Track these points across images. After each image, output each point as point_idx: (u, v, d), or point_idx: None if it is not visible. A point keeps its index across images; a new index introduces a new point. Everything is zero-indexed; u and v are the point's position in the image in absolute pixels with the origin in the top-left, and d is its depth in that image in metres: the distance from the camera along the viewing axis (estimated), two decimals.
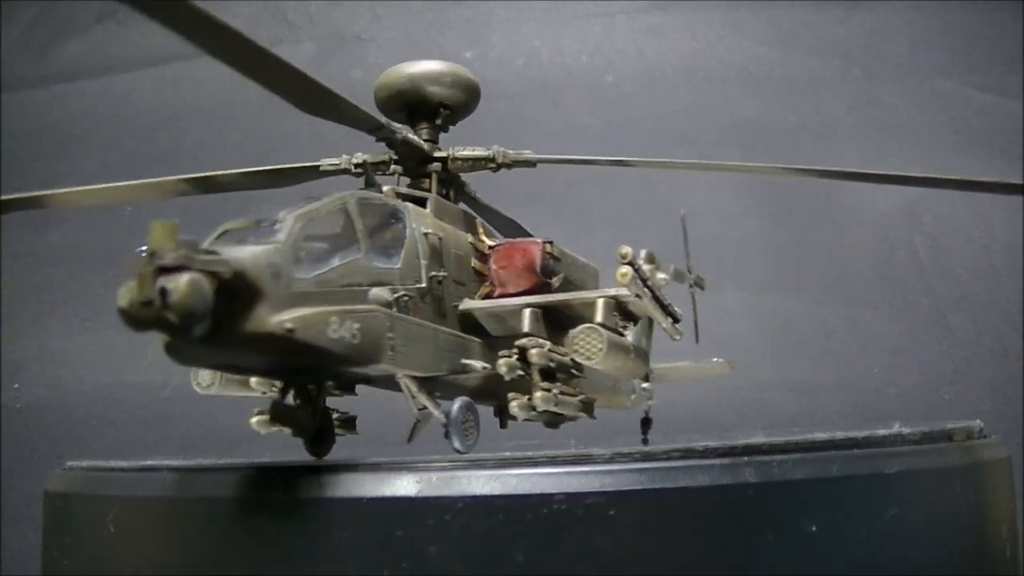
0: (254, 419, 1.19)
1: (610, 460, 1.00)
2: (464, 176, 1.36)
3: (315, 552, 0.98)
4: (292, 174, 1.32)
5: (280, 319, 0.92)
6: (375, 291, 1.04)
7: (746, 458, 1.02)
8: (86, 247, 2.56)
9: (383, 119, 1.21)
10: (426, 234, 1.17)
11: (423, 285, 1.13)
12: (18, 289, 2.52)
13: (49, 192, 1.30)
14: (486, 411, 1.44)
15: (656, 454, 1.03)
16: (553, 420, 1.26)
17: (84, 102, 2.71)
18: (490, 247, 1.32)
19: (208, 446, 2.28)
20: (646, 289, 1.18)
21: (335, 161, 1.32)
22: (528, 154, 1.32)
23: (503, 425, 1.36)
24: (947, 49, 2.58)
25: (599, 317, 1.16)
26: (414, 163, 1.29)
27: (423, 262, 1.15)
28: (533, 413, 1.16)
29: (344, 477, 1.00)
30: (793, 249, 1.87)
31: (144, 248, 0.89)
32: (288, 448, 1.70)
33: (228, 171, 1.30)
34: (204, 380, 1.22)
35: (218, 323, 0.89)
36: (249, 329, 0.91)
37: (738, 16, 2.60)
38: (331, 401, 1.22)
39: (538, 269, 1.27)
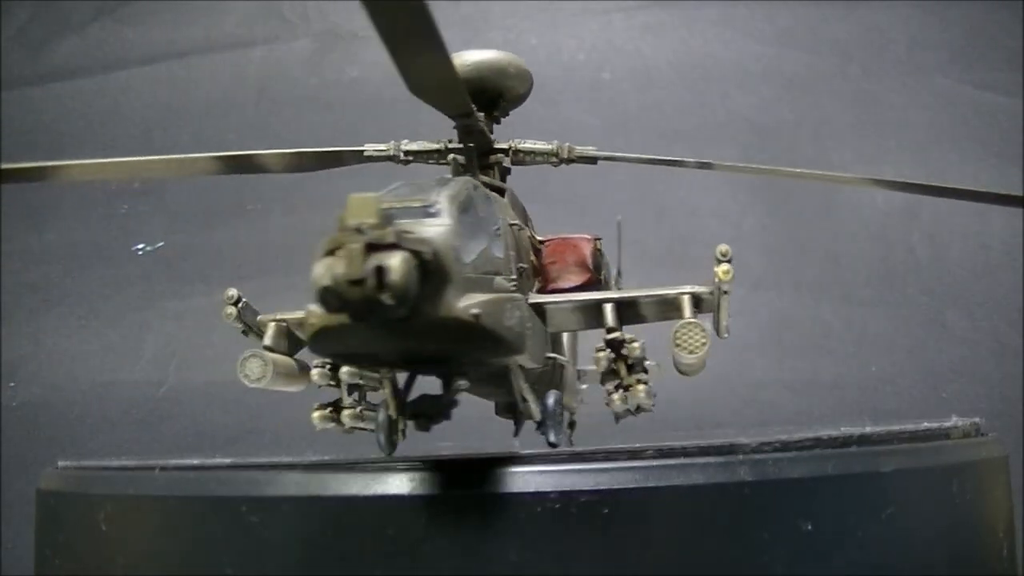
0: (316, 414, 1.19)
1: (604, 458, 1.00)
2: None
3: (307, 550, 0.97)
4: (332, 158, 1.29)
5: (465, 304, 0.87)
6: (498, 280, 1.01)
7: (741, 456, 1.01)
8: (82, 245, 2.56)
9: (473, 106, 1.16)
10: (511, 225, 1.15)
11: (515, 277, 1.10)
12: (14, 287, 2.52)
13: (68, 164, 1.18)
14: (482, 411, 1.44)
15: (651, 453, 1.02)
16: (634, 413, 1.27)
17: (80, 100, 2.71)
18: (540, 242, 1.30)
19: (203, 445, 2.28)
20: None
21: (382, 147, 1.31)
22: (591, 150, 1.29)
23: (518, 425, 1.35)
24: (945, 47, 2.57)
25: (687, 313, 1.15)
26: (478, 153, 1.25)
27: (511, 253, 1.12)
28: (626, 406, 1.15)
29: (337, 475, 1.00)
30: (791, 247, 1.87)
31: (355, 222, 0.81)
32: (282, 447, 1.70)
33: (263, 151, 1.25)
34: (254, 373, 1.16)
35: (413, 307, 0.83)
36: (439, 314, 0.85)
37: (735, 13, 2.59)
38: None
39: (590, 265, 1.26)
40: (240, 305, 1.29)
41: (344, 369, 1.17)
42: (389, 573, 0.95)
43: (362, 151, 1.30)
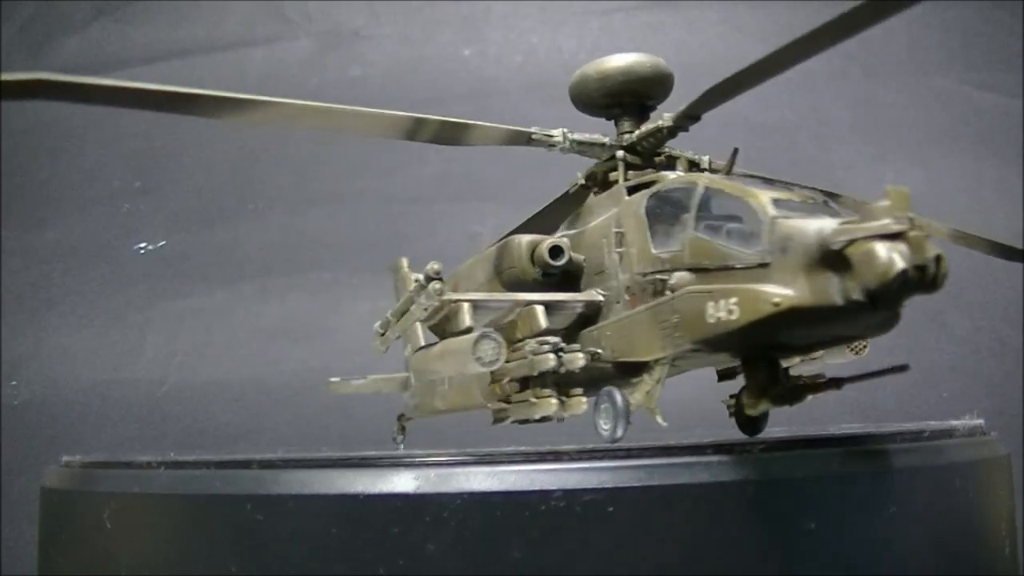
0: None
1: (608, 456, 1.00)
2: None
3: (311, 550, 0.97)
4: (497, 134, 1.26)
5: None
6: None
7: (745, 455, 1.02)
8: (83, 244, 2.56)
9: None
10: None
11: None
12: (15, 285, 2.52)
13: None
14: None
15: (655, 451, 1.02)
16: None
17: None
18: None
19: (204, 443, 2.29)
20: None
21: (552, 132, 1.29)
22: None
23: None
24: (946, 47, 2.57)
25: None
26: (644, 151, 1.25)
27: None
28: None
29: (341, 473, 1.00)
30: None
31: (900, 214, 0.84)
32: (284, 443, 1.70)
33: (431, 117, 1.18)
34: (487, 355, 1.04)
35: None
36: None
37: (736, 13, 2.59)
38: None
39: None
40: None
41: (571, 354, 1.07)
42: (393, 571, 0.96)
43: (529, 134, 1.28)
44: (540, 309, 1.09)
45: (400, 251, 1.80)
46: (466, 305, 1.10)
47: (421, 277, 1.08)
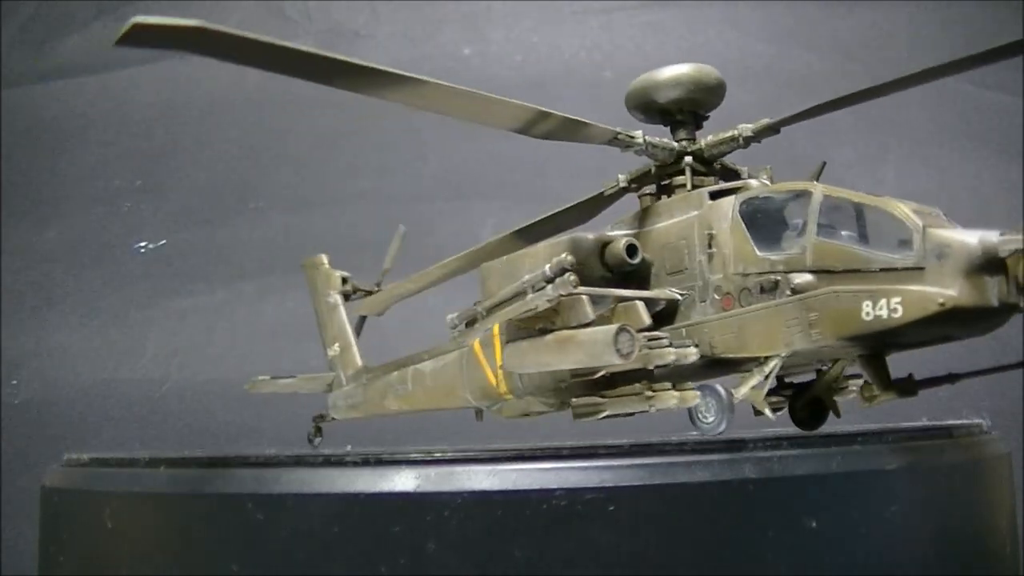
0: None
1: (609, 455, 1.00)
2: None
3: (312, 549, 0.97)
4: (583, 130, 1.27)
5: None
6: None
7: (746, 454, 1.02)
8: (84, 243, 2.56)
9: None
10: None
11: None
12: (16, 285, 2.52)
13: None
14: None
15: (656, 449, 1.02)
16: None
17: (82, 98, 2.70)
18: None
19: (205, 442, 2.29)
20: None
21: (633, 134, 1.28)
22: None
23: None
24: (947, 45, 2.57)
25: None
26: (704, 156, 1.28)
27: None
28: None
29: (343, 472, 1.00)
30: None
31: None
32: (285, 445, 1.70)
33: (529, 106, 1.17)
34: (625, 347, 1.05)
35: None
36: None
37: (737, 12, 2.59)
38: None
39: None
40: None
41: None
42: (394, 571, 0.95)
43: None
44: (641, 305, 1.11)
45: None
46: (585, 298, 1.09)
47: (548, 269, 1.07)
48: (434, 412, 1.46)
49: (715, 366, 1.15)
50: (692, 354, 1.09)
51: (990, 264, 0.96)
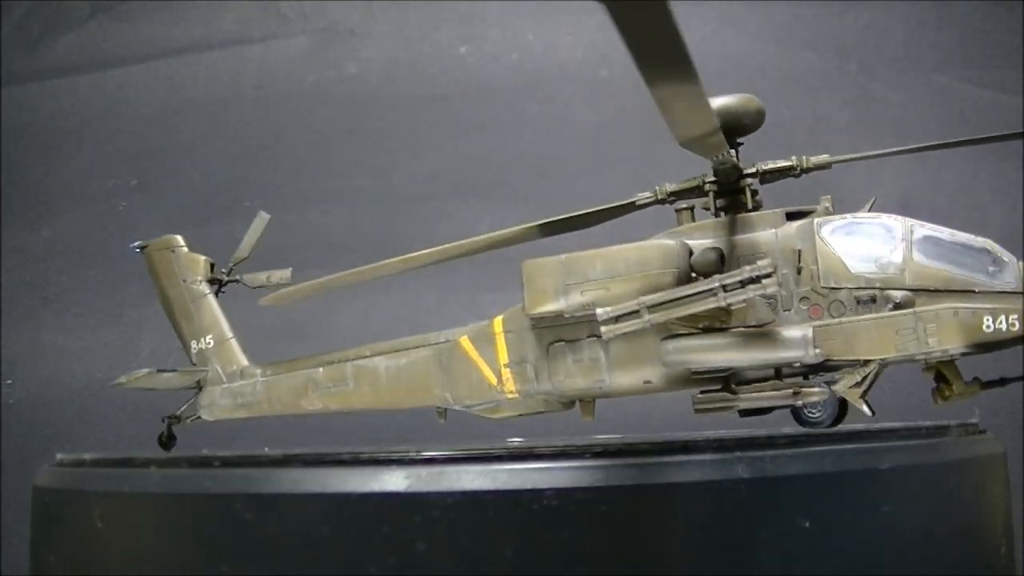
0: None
1: (601, 455, 0.99)
2: None
3: (302, 549, 0.97)
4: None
5: None
6: None
7: (738, 453, 1.01)
8: (79, 242, 2.56)
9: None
10: None
11: None
12: (11, 284, 2.51)
13: None
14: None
15: (647, 449, 1.02)
16: None
17: (77, 97, 2.70)
18: None
19: (199, 442, 2.28)
20: None
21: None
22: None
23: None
24: (944, 44, 2.57)
25: None
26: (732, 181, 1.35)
27: None
28: None
29: (333, 472, 1.00)
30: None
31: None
32: (279, 444, 1.69)
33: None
34: None
35: None
36: None
37: (733, 10, 2.59)
38: None
39: None
40: None
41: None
42: (385, 571, 0.95)
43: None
44: (762, 302, 1.22)
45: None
46: (760, 299, 1.19)
47: (751, 271, 1.15)
48: (412, 411, 1.43)
49: (818, 367, 1.25)
50: (819, 355, 1.19)
51: None
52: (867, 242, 1.27)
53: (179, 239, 1.69)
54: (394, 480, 0.97)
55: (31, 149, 2.63)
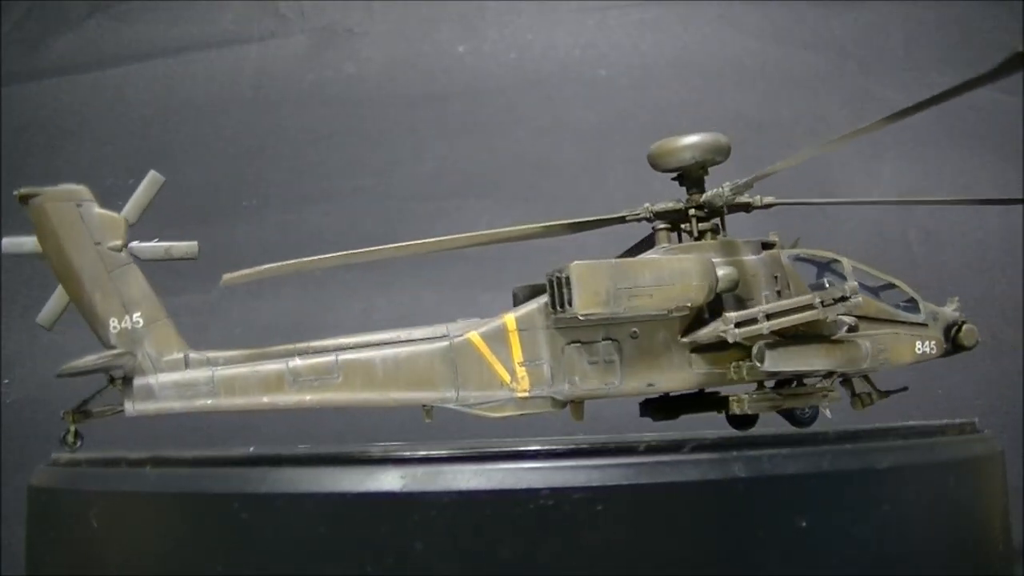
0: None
1: (597, 454, 0.99)
2: None
3: (298, 548, 0.97)
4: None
5: None
6: None
7: (736, 452, 1.01)
8: None
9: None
10: None
11: None
12: (9, 283, 2.51)
13: None
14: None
15: (644, 448, 1.02)
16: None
17: (76, 96, 2.70)
18: None
19: (197, 440, 2.28)
20: None
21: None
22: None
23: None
24: (943, 44, 2.57)
25: None
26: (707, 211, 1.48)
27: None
28: None
29: (329, 471, 1.00)
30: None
31: None
32: (277, 443, 1.69)
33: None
34: None
35: None
36: None
37: (733, 10, 2.59)
38: None
39: None
40: None
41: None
42: (381, 571, 0.95)
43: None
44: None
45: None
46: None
47: (846, 289, 1.30)
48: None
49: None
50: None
51: (951, 327, 1.46)
52: (817, 273, 1.44)
53: (86, 190, 1.38)
54: (390, 480, 0.97)
55: (31, 149, 2.63)
